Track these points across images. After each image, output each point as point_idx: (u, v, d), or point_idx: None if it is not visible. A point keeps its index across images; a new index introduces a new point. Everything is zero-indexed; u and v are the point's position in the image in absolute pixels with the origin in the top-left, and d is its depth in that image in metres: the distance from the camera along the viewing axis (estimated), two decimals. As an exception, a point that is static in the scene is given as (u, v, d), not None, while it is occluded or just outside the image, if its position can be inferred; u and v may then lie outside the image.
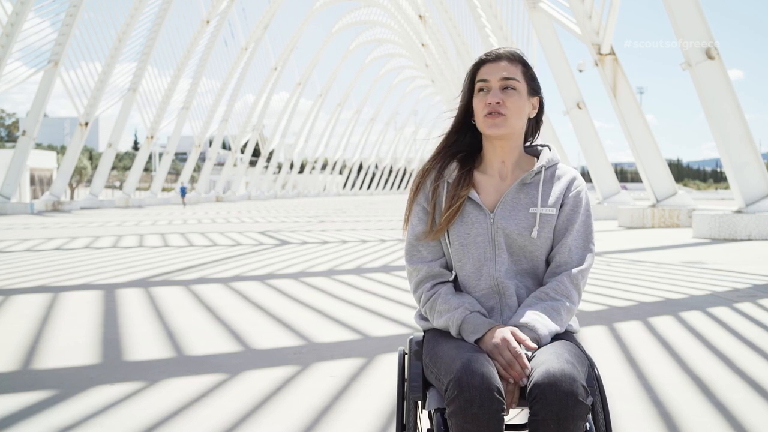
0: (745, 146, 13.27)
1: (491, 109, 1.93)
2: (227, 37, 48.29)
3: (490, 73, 1.96)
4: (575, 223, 1.96)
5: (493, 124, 1.94)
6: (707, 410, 3.18)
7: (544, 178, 1.98)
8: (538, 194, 1.95)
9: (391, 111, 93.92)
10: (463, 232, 1.95)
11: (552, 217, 1.95)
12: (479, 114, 1.96)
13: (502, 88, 1.95)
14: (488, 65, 1.97)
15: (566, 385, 1.63)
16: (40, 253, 11.45)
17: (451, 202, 1.96)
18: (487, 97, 1.95)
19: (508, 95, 1.94)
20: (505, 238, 1.93)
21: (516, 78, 1.95)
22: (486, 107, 1.94)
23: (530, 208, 1.95)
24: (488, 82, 1.95)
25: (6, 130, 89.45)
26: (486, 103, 1.94)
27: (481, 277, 1.93)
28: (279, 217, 25.24)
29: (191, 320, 5.40)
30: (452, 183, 1.99)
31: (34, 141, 30.76)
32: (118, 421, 3.11)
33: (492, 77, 1.95)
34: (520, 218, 1.94)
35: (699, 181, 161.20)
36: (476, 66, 2.00)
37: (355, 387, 3.60)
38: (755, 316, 5.39)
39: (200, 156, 60.80)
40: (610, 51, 17.07)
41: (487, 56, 1.99)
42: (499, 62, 1.96)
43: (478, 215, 1.95)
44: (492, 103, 1.93)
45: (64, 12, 29.84)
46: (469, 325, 1.85)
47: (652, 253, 10.59)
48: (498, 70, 1.95)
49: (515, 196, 1.96)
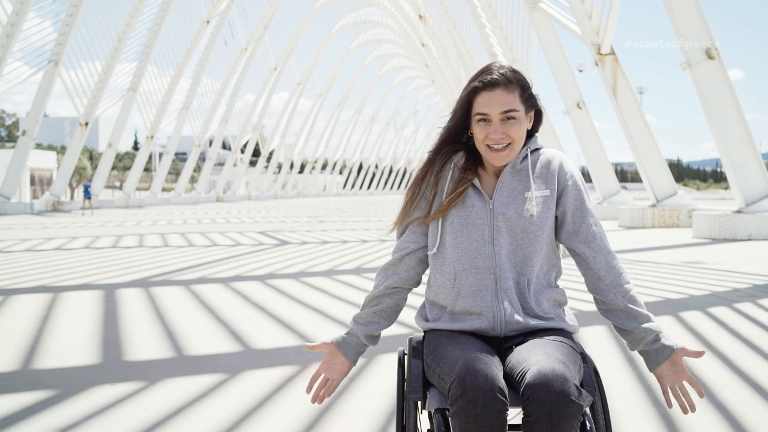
0: (745, 146, 13.27)
1: (495, 143, 1.94)
2: (227, 37, 48.32)
3: (488, 105, 1.93)
4: (583, 211, 1.99)
5: (498, 158, 1.96)
6: (707, 410, 3.18)
7: (531, 161, 2.00)
8: (530, 178, 1.98)
9: (391, 111, 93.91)
10: (463, 213, 1.98)
11: (549, 198, 1.98)
12: (481, 143, 1.97)
13: (503, 120, 1.94)
14: (485, 95, 1.94)
15: (558, 384, 1.63)
16: (40, 253, 11.45)
17: (457, 185, 1.99)
18: (489, 131, 1.94)
19: (509, 126, 1.94)
20: (506, 223, 1.95)
21: (515, 108, 1.94)
22: (489, 140, 1.95)
23: (525, 192, 1.98)
24: (488, 116, 1.94)
25: (6, 130, 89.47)
26: (488, 137, 1.94)
27: (478, 256, 1.95)
28: (279, 217, 25.24)
29: (191, 320, 5.40)
30: (460, 167, 2.02)
31: (34, 141, 30.76)
32: (118, 421, 3.11)
33: (491, 111, 1.93)
34: (518, 203, 1.97)
35: (699, 181, 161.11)
36: (471, 93, 1.97)
37: (355, 387, 3.61)
38: (755, 316, 5.39)
39: (200, 156, 60.78)
40: (610, 51, 17.07)
41: (481, 83, 1.95)
42: (495, 90, 1.93)
43: (477, 200, 1.98)
44: (496, 139, 1.93)
45: (64, 12, 29.84)
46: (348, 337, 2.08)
47: (652, 253, 10.59)
48: (496, 103, 1.93)
49: (510, 183, 1.99)
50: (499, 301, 1.93)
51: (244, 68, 50.25)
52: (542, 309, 1.95)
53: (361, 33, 67.64)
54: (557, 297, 2.00)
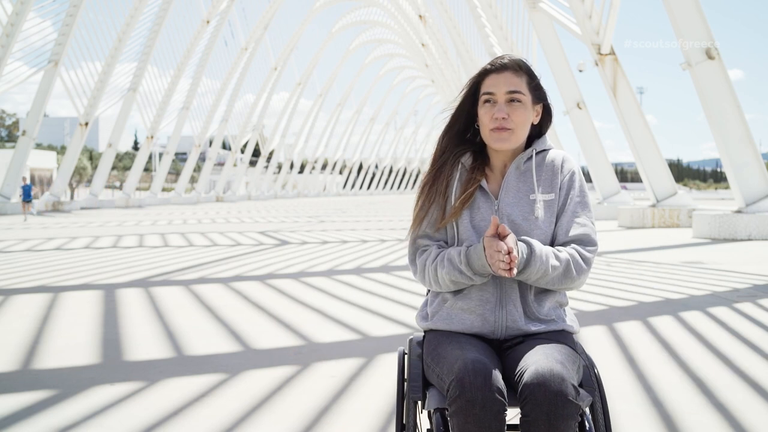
0: (745, 146, 13.26)
1: (498, 125, 1.95)
2: (227, 37, 48.26)
3: (496, 85, 1.97)
4: (572, 198, 1.99)
5: (499, 139, 1.96)
6: (707, 410, 3.18)
7: (536, 162, 2.01)
8: (533, 180, 1.99)
9: (391, 111, 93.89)
10: (470, 215, 1.99)
11: (552, 201, 1.99)
12: (485, 126, 1.98)
13: (508, 101, 1.96)
14: (493, 76, 1.98)
15: (555, 384, 1.64)
16: (40, 253, 11.45)
17: (466, 186, 2.00)
18: (494, 111, 1.96)
19: (513, 108, 1.96)
20: (510, 225, 1.96)
21: (521, 90, 1.96)
22: (492, 121, 1.96)
23: (530, 195, 1.98)
24: (494, 95, 1.96)
25: (6, 130, 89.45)
26: (492, 117, 1.95)
27: None
28: (279, 217, 25.23)
29: (191, 320, 5.40)
30: (468, 169, 2.03)
31: (34, 141, 30.73)
32: (118, 421, 3.11)
33: (498, 90, 1.96)
34: (523, 205, 1.97)
35: (699, 181, 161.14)
36: (481, 75, 2.01)
37: (355, 387, 3.61)
38: (755, 316, 5.39)
39: (200, 156, 60.75)
40: (610, 51, 17.07)
41: (492, 66, 2.00)
42: (503, 72, 1.97)
43: (484, 202, 1.99)
44: (498, 118, 1.94)
45: (64, 12, 29.82)
46: (473, 249, 1.89)
47: (652, 253, 10.59)
48: (503, 83, 1.96)
49: (515, 184, 1.99)
50: (502, 306, 1.93)
51: (244, 68, 50.23)
52: (543, 312, 1.96)
53: (361, 33, 67.61)
54: (559, 298, 2.00)
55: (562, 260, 1.90)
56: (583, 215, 1.98)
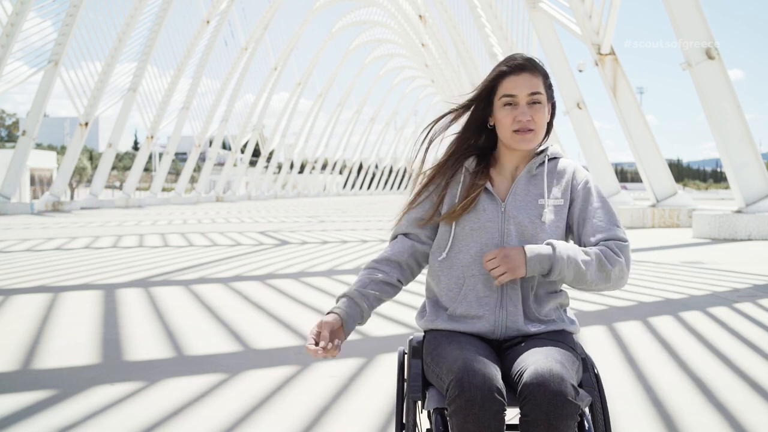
0: (745, 146, 13.26)
1: (521, 126, 1.95)
2: (227, 37, 48.24)
3: (516, 87, 1.96)
4: (592, 204, 1.98)
5: (523, 140, 1.96)
6: (707, 410, 3.18)
7: (548, 169, 2.01)
8: (543, 185, 1.99)
9: (391, 111, 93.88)
10: (473, 218, 1.97)
11: (561, 207, 1.98)
12: (506, 128, 1.97)
13: (530, 103, 1.96)
14: (512, 78, 1.97)
15: (555, 384, 1.64)
16: (40, 253, 11.45)
17: (468, 191, 1.99)
18: (516, 113, 1.95)
19: (535, 110, 1.96)
20: (516, 227, 1.95)
21: (540, 91, 1.97)
22: (515, 123, 1.96)
23: (539, 199, 1.98)
24: (515, 97, 1.96)
25: (6, 130, 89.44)
26: (515, 119, 1.95)
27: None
28: (279, 217, 25.23)
29: (191, 320, 5.40)
30: (471, 173, 2.02)
31: (34, 141, 30.71)
32: (118, 421, 3.11)
33: (519, 92, 1.96)
34: (530, 208, 1.97)
35: (699, 181, 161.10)
36: (497, 77, 1.99)
37: (355, 387, 3.61)
38: (755, 316, 5.39)
39: (200, 156, 60.73)
40: (610, 51, 17.06)
41: (508, 67, 1.98)
42: (522, 74, 1.97)
43: (489, 203, 1.98)
44: (523, 120, 1.94)
45: (64, 12, 29.81)
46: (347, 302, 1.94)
47: (652, 253, 10.59)
48: (523, 85, 1.96)
49: (525, 187, 1.99)
50: (502, 307, 1.93)
51: (244, 68, 50.22)
52: (544, 313, 1.95)
53: (361, 33, 67.60)
54: (560, 299, 2.00)
55: (592, 254, 1.90)
56: (605, 219, 1.97)
